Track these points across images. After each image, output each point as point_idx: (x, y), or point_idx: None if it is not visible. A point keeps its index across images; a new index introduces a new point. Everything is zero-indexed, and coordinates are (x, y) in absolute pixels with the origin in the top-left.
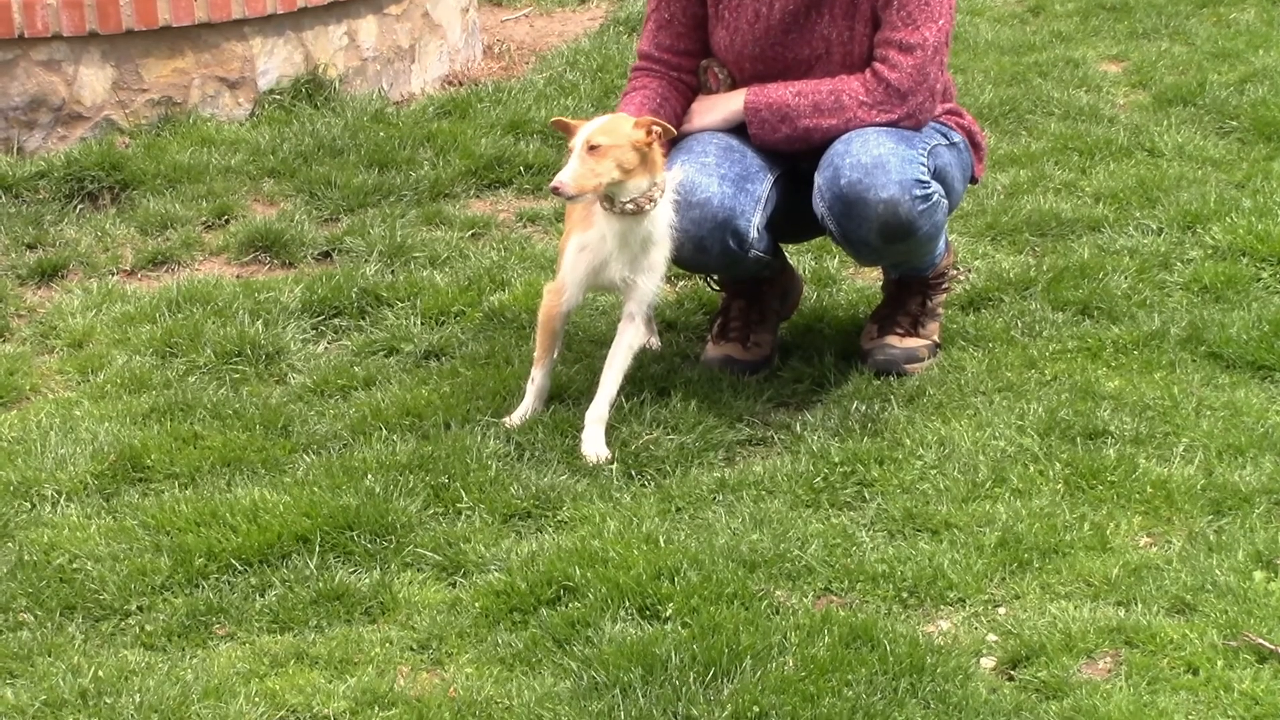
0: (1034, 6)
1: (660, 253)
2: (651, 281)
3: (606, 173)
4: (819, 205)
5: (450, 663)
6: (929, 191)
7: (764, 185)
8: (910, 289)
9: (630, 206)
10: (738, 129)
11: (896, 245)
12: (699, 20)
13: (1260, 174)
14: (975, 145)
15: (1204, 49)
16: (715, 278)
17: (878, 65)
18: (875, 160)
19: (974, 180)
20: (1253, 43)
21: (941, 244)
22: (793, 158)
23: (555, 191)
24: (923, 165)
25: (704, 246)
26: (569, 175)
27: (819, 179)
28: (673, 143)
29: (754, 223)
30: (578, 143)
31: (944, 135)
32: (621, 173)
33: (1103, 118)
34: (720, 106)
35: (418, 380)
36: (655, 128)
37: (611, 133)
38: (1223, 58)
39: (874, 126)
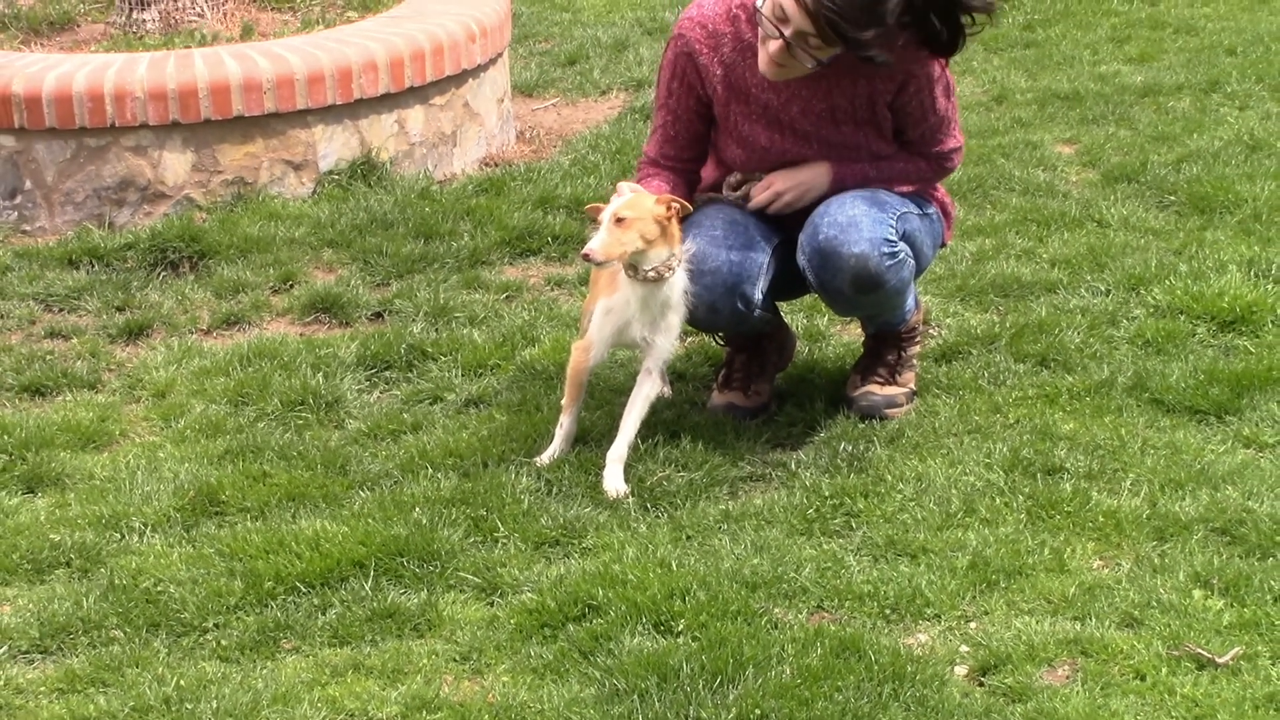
0: (997, 96)
1: (676, 315)
2: (668, 341)
3: (631, 242)
4: (800, 258)
5: (489, 672)
6: (895, 250)
7: (766, 254)
8: (886, 342)
9: (652, 274)
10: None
11: (867, 295)
12: (701, 136)
13: (1195, 242)
14: (946, 215)
15: (1146, 133)
16: (722, 335)
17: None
18: (850, 220)
19: (943, 244)
20: (1188, 128)
21: (910, 301)
22: (790, 228)
23: (585, 258)
24: (891, 227)
25: (716, 309)
26: (598, 244)
27: (802, 236)
28: (683, 220)
29: (759, 286)
30: (606, 216)
31: (918, 206)
32: (644, 243)
33: (1058, 193)
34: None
35: (459, 425)
36: (674, 204)
37: (636, 207)
38: (1162, 140)
39: (850, 193)
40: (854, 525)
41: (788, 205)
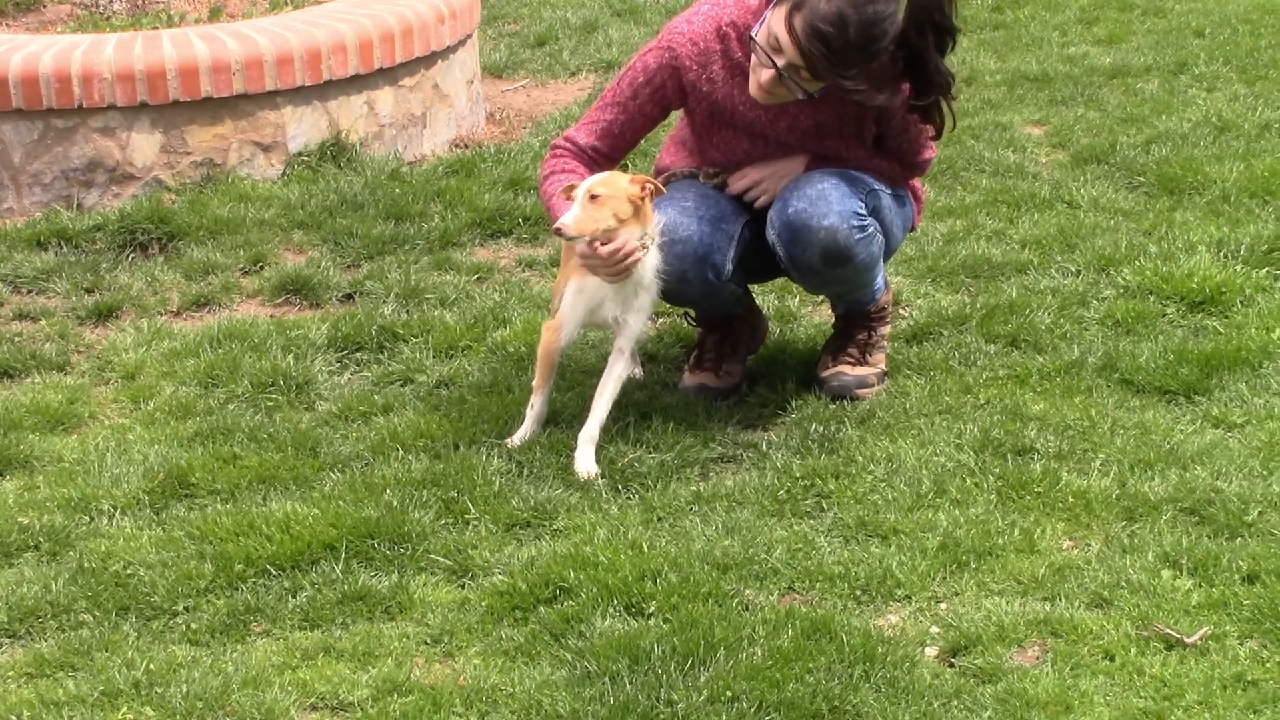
0: (967, 78)
1: (649, 295)
2: (640, 320)
3: (604, 219)
4: (770, 233)
5: (460, 655)
6: (865, 224)
7: (737, 226)
8: (855, 322)
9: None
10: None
11: (836, 270)
12: (636, 142)
13: (1164, 223)
14: (916, 199)
15: (1115, 115)
16: (693, 314)
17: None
18: (819, 193)
19: (912, 228)
20: (1156, 109)
21: (880, 280)
22: (763, 209)
23: (558, 232)
24: (861, 201)
25: (686, 279)
26: (571, 218)
27: (771, 211)
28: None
29: (729, 257)
30: (580, 192)
31: (890, 186)
32: (616, 220)
33: (1027, 174)
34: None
35: (430, 407)
36: (649, 184)
37: (609, 185)
38: (1131, 122)
39: (820, 169)
40: (825, 506)
41: (764, 192)
